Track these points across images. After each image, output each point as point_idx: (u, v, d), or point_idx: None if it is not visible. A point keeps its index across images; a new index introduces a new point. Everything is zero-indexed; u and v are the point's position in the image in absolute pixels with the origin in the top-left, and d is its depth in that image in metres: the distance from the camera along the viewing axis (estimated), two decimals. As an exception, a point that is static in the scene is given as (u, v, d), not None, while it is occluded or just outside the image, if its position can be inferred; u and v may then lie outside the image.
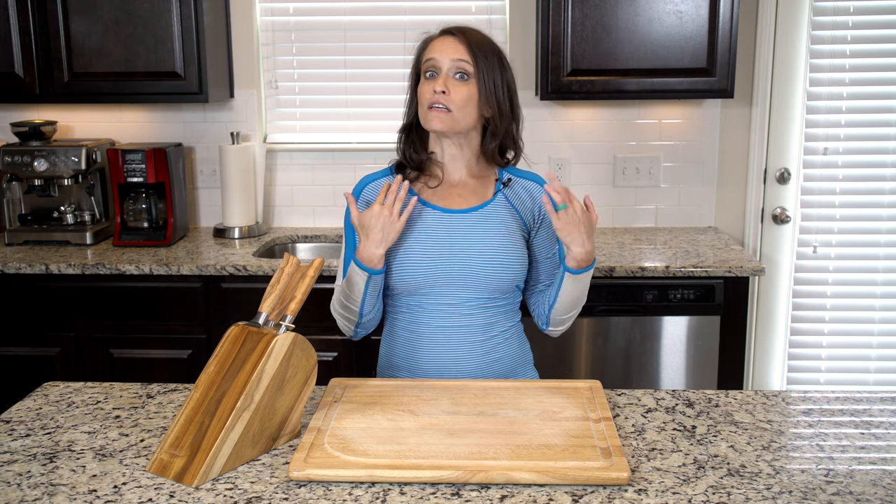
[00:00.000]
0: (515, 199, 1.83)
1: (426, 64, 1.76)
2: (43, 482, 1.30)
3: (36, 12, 2.86)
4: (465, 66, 1.73)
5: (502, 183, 1.82)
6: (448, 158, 1.82)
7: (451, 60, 1.73)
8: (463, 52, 1.73)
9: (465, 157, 1.82)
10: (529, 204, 1.83)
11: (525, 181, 1.85)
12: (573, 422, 1.46)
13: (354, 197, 1.81)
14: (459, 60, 1.72)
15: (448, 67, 1.73)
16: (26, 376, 2.73)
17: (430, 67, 1.75)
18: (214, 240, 3.08)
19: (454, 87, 1.72)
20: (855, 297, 3.23)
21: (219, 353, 1.42)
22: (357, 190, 1.84)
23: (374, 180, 1.84)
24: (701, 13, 2.77)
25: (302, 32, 3.22)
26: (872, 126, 3.14)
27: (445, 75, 1.73)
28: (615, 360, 2.73)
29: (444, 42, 1.76)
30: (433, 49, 1.76)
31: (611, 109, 3.18)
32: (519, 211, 1.82)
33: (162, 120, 3.23)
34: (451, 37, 1.76)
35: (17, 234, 2.98)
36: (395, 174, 1.83)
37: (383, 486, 1.28)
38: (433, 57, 1.74)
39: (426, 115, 1.75)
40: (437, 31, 1.80)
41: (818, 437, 1.45)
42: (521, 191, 1.84)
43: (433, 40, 1.79)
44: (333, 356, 2.71)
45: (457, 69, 1.73)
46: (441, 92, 1.71)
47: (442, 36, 1.77)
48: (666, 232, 3.17)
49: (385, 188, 1.73)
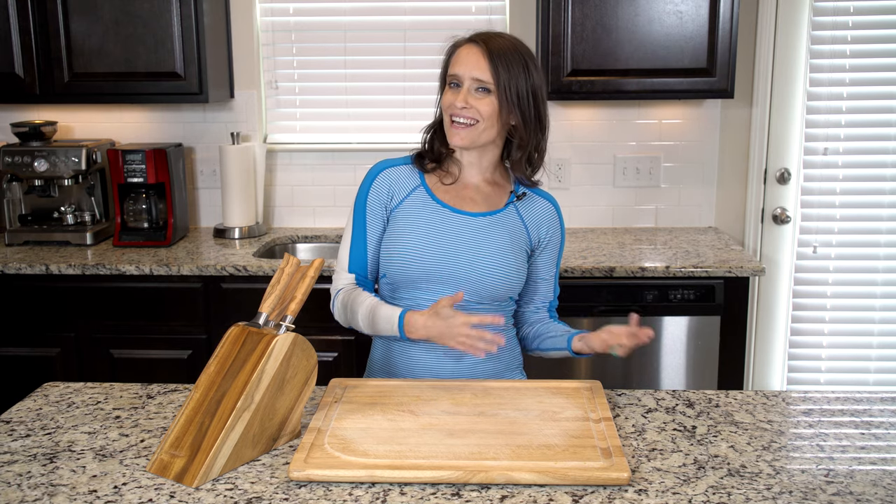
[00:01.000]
0: (526, 214, 1.84)
1: (451, 76, 1.76)
2: (43, 482, 1.30)
3: (36, 12, 2.86)
4: (486, 82, 1.73)
5: (516, 195, 1.83)
6: (466, 161, 1.84)
7: (471, 78, 1.73)
8: (484, 65, 1.72)
9: (482, 165, 1.83)
10: (538, 223, 1.84)
11: (540, 199, 1.87)
12: (573, 422, 1.46)
13: (367, 180, 1.83)
14: (478, 79, 1.73)
15: (469, 84, 1.74)
16: (26, 377, 2.73)
17: (455, 79, 1.75)
18: (214, 240, 3.08)
19: (476, 101, 1.73)
20: (855, 298, 3.23)
21: (219, 354, 1.42)
22: (372, 173, 1.84)
23: (392, 167, 1.84)
24: (701, 13, 2.77)
25: (302, 32, 3.22)
26: (872, 126, 3.14)
27: (466, 91, 1.74)
28: (615, 360, 2.72)
29: (468, 54, 1.75)
30: (457, 61, 1.76)
31: (611, 109, 3.18)
32: (527, 226, 1.83)
33: (162, 120, 3.23)
34: (475, 46, 1.75)
35: (18, 235, 2.98)
36: (414, 163, 1.85)
37: (383, 487, 1.28)
38: (456, 72, 1.75)
39: (449, 130, 1.77)
40: (466, 35, 1.80)
41: (818, 438, 1.45)
42: (533, 208, 1.85)
43: (459, 47, 1.78)
44: (333, 356, 2.71)
45: (477, 85, 1.73)
46: (461, 107, 1.73)
47: (467, 45, 1.77)
48: (666, 232, 3.17)
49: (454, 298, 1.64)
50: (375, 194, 1.82)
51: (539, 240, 1.85)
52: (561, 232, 1.89)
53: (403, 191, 1.82)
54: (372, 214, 1.82)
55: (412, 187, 1.82)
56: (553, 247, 1.87)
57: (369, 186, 1.83)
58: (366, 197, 1.83)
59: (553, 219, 1.87)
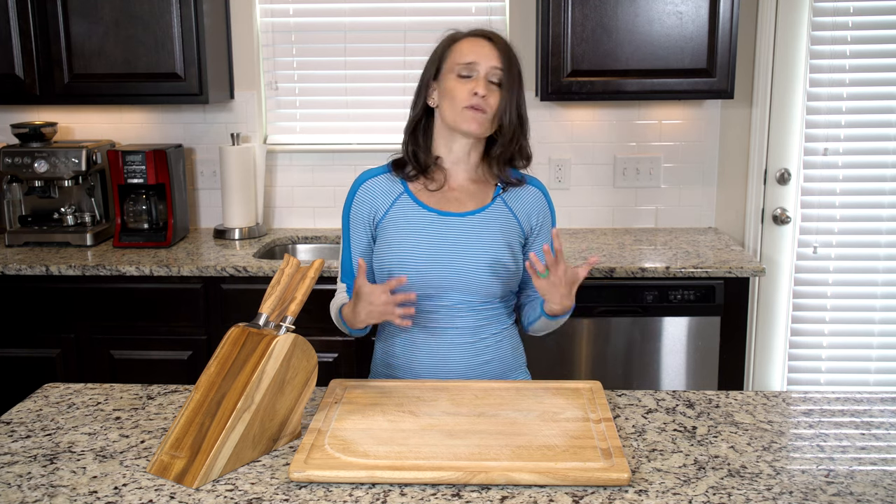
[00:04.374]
0: (514, 205, 1.83)
1: (463, 64, 1.74)
2: (43, 483, 1.30)
3: (36, 14, 2.86)
4: (501, 74, 1.73)
5: (501, 188, 1.83)
6: (452, 163, 1.82)
7: (489, 66, 1.73)
8: (498, 59, 1.74)
9: (470, 162, 1.83)
10: (528, 211, 1.83)
11: (526, 186, 1.85)
12: (573, 422, 1.46)
13: (350, 193, 1.84)
14: (497, 68, 1.73)
15: (486, 73, 1.73)
16: (27, 377, 2.73)
17: (468, 69, 1.74)
18: (215, 241, 3.08)
19: (490, 92, 1.74)
20: (855, 298, 3.23)
21: (219, 355, 1.43)
22: (354, 186, 1.84)
23: (372, 177, 1.84)
24: (701, 14, 2.77)
25: (302, 33, 3.22)
26: (872, 126, 3.14)
27: (485, 79, 1.73)
28: (615, 360, 2.73)
29: (482, 46, 1.75)
30: (471, 50, 1.75)
31: (611, 110, 3.18)
32: (517, 217, 1.82)
33: (162, 121, 3.24)
34: (488, 41, 1.76)
35: (18, 236, 2.98)
36: (392, 171, 1.84)
37: (384, 487, 1.28)
38: (473, 60, 1.74)
39: (461, 115, 1.74)
40: (465, 31, 1.80)
41: (819, 438, 1.45)
42: (520, 196, 1.84)
43: (463, 39, 1.78)
44: (334, 357, 2.71)
45: (494, 74, 1.74)
46: (482, 96, 1.72)
47: (476, 38, 1.77)
48: (666, 233, 3.17)
49: (396, 282, 1.64)
50: (358, 208, 1.82)
51: (531, 228, 1.84)
52: (551, 214, 1.88)
53: (387, 201, 1.81)
54: (357, 228, 1.82)
55: (395, 196, 1.81)
56: (546, 231, 1.85)
57: (352, 201, 1.83)
58: (349, 211, 1.83)
59: (542, 204, 1.85)
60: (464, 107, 1.73)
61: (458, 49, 1.77)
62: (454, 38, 1.80)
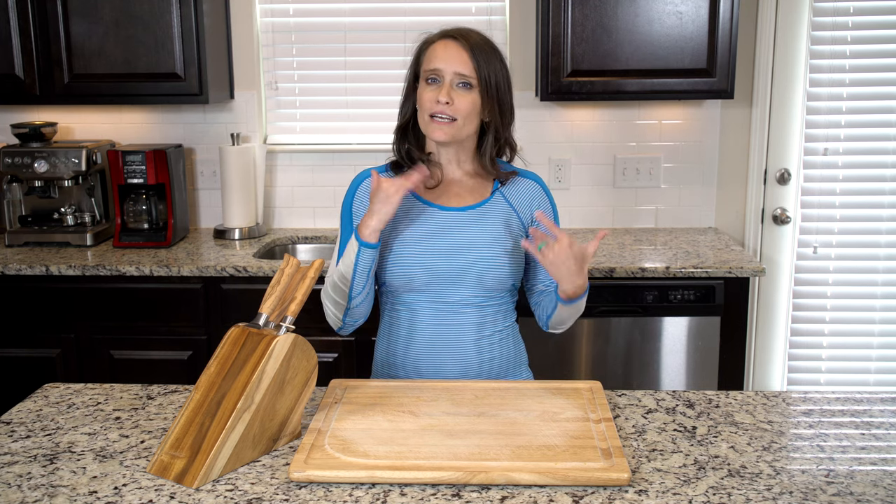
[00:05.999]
0: (513, 198, 1.83)
1: (429, 71, 1.74)
2: (43, 483, 1.30)
3: (36, 14, 2.86)
4: (468, 76, 1.72)
5: (500, 181, 1.82)
6: (445, 160, 1.83)
7: (453, 72, 1.72)
8: (466, 59, 1.72)
9: (460, 159, 1.83)
10: (528, 204, 1.83)
11: (524, 180, 1.86)
12: (573, 422, 1.46)
13: (351, 188, 1.83)
14: (461, 73, 1.72)
15: (451, 78, 1.72)
16: (27, 377, 2.73)
17: (434, 74, 1.74)
18: (215, 241, 3.08)
19: (458, 96, 1.72)
20: (855, 298, 3.23)
21: (219, 355, 1.42)
22: (354, 183, 1.84)
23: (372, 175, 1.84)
24: (701, 14, 2.77)
25: (302, 33, 3.22)
26: (872, 126, 3.14)
27: (448, 85, 1.72)
28: (615, 360, 2.73)
29: (448, 49, 1.74)
30: (436, 56, 1.74)
31: (611, 110, 3.18)
32: (517, 210, 1.82)
33: (162, 121, 3.24)
34: (454, 41, 1.74)
35: (18, 236, 2.98)
36: (391, 171, 1.84)
37: (384, 488, 1.28)
38: (437, 67, 1.73)
39: (428, 125, 1.74)
40: (437, 32, 1.79)
41: (819, 438, 1.45)
42: (519, 190, 1.84)
43: (433, 43, 1.77)
44: (334, 357, 2.71)
45: (460, 80, 1.72)
46: (445, 103, 1.71)
47: (443, 40, 1.76)
48: (666, 233, 3.17)
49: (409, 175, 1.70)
50: (359, 204, 1.82)
51: (531, 221, 1.83)
52: (552, 208, 1.88)
53: None
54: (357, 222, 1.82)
55: None
56: None
57: (352, 197, 1.83)
58: (350, 207, 1.83)
59: (541, 197, 1.85)
60: (429, 115, 1.73)
61: (427, 54, 1.77)
62: (427, 41, 1.79)
